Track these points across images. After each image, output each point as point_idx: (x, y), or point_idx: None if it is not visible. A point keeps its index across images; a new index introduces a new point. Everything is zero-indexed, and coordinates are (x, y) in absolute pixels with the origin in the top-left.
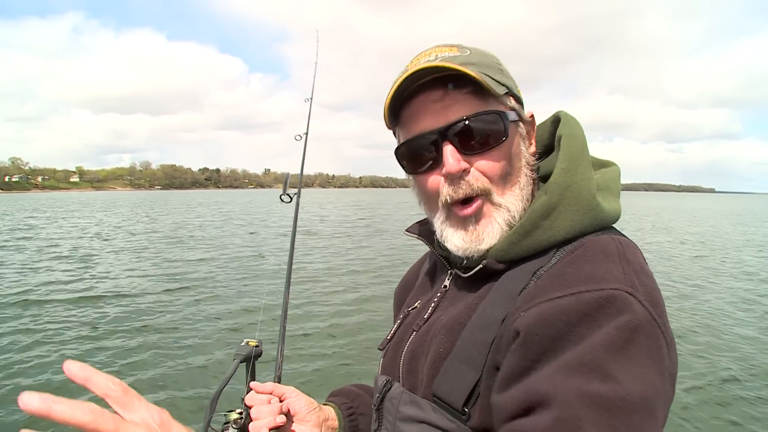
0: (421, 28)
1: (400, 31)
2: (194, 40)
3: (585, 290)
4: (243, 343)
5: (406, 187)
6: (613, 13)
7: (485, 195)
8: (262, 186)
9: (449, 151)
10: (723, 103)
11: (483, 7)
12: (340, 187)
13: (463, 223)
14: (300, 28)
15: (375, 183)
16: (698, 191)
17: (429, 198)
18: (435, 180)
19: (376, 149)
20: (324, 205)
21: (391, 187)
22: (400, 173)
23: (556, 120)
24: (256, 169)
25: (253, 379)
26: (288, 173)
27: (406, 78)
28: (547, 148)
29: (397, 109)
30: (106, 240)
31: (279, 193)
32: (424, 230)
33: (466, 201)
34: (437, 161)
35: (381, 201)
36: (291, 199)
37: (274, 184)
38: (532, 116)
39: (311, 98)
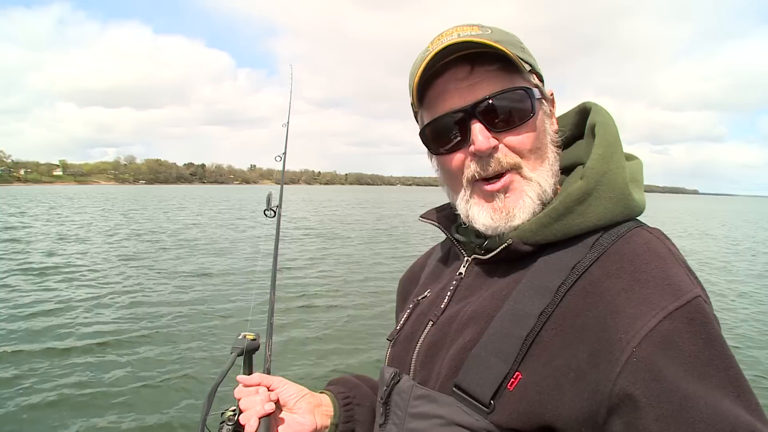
0: (412, 26)
1: (391, 28)
2: (182, 34)
3: (673, 308)
4: (240, 337)
5: (391, 184)
6: (603, 15)
7: (515, 169)
8: (247, 182)
9: (478, 129)
10: (709, 106)
11: (475, 6)
12: (325, 184)
13: (490, 198)
14: (289, 23)
15: (361, 180)
16: (682, 192)
17: (453, 177)
18: (460, 158)
19: (364, 146)
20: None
21: (377, 185)
22: (386, 170)
23: (583, 110)
24: (242, 165)
25: (250, 372)
26: (271, 193)
27: (433, 57)
28: (569, 139)
29: (422, 91)
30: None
31: (265, 190)
32: (441, 216)
33: (495, 177)
34: (464, 140)
35: (376, 199)
36: (275, 213)
37: (260, 180)
38: (552, 94)
39: (288, 123)
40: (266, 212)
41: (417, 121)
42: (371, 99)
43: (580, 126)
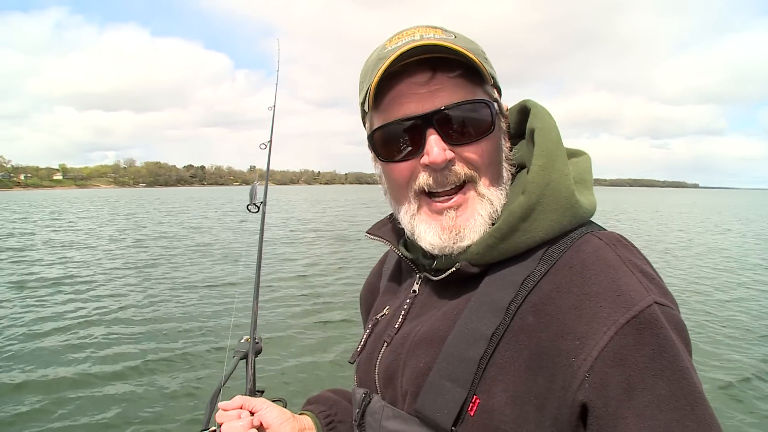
0: (409, 24)
1: (389, 26)
2: (180, 36)
3: (624, 321)
4: (242, 340)
5: None
6: (600, 9)
7: (472, 183)
8: (247, 183)
9: (434, 140)
10: (709, 99)
11: (471, 3)
12: (325, 183)
13: (440, 216)
14: (286, 23)
15: (360, 180)
16: (682, 186)
17: (399, 188)
18: (409, 168)
19: (363, 146)
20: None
21: (378, 184)
22: None
23: (523, 109)
24: (242, 166)
25: (253, 375)
26: (255, 184)
27: (396, 58)
28: (511, 138)
29: (377, 91)
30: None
31: (269, 189)
32: (386, 230)
33: (447, 194)
34: (417, 149)
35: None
36: (258, 209)
37: (260, 180)
38: (507, 109)
39: (274, 106)
40: (249, 207)
41: (364, 123)
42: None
43: (522, 124)
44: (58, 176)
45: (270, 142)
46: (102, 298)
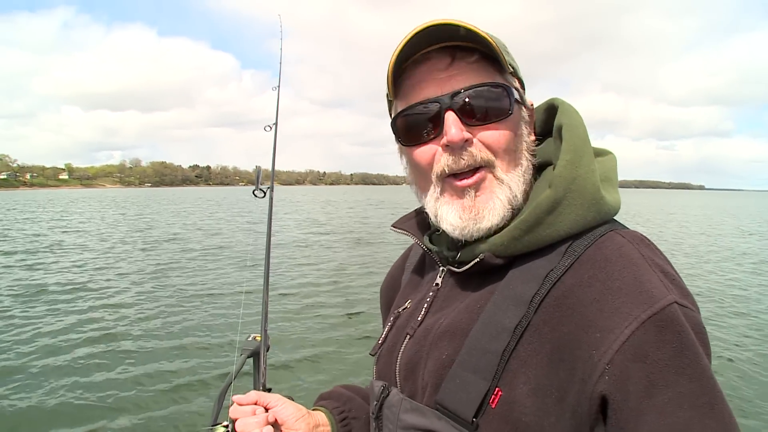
0: (415, 24)
1: (395, 27)
2: (186, 36)
3: (646, 316)
4: (250, 338)
5: (397, 184)
6: (608, 10)
7: (489, 167)
8: (252, 183)
9: (451, 120)
10: (716, 101)
11: (478, 3)
12: (330, 184)
13: (461, 195)
14: (293, 23)
15: (366, 180)
16: (688, 188)
17: (422, 173)
18: (431, 152)
19: (369, 146)
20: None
21: (383, 184)
22: (391, 170)
23: (550, 107)
24: (247, 167)
25: (265, 369)
26: (259, 167)
27: (413, 43)
28: (538, 136)
29: (398, 79)
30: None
31: (275, 188)
32: (411, 224)
33: (467, 173)
34: (437, 132)
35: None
36: (264, 194)
37: (266, 180)
38: (532, 105)
39: (279, 86)
40: (255, 192)
41: (390, 112)
42: (376, 98)
43: (549, 123)
44: (64, 176)
45: (276, 124)
46: (109, 298)
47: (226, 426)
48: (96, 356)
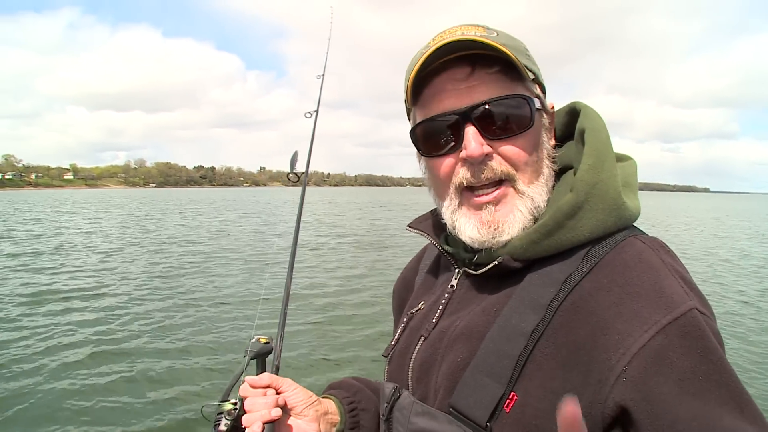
0: (420, 25)
1: (400, 29)
2: (191, 37)
3: (666, 322)
4: (254, 340)
5: (401, 185)
6: (613, 12)
7: (509, 181)
8: (257, 184)
9: (471, 134)
10: (721, 103)
11: (483, 5)
12: (335, 185)
13: (479, 209)
14: (298, 24)
15: (370, 182)
16: (693, 191)
17: (441, 183)
18: (451, 164)
19: (373, 148)
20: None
21: (387, 186)
22: (395, 171)
23: (572, 111)
24: (252, 168)
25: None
26: (296, 151)
27: (433, 53)
28: (558, 140)
29: (417, 88)
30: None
31: (275, 192)
32: (427, 225)
33: (486, 188)
34: (457, 144)
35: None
36: (298, 178)
37: (270, 182)
38: (553, 108)
39: (323, 75)
40: (289, 176)
41: (409, 119)
42: (380, 100)
43: (570, 126)
44: (69, 176)
45: (317, 111)
46: (124, 295)
47: (235, 403)
48: (112, 360)
